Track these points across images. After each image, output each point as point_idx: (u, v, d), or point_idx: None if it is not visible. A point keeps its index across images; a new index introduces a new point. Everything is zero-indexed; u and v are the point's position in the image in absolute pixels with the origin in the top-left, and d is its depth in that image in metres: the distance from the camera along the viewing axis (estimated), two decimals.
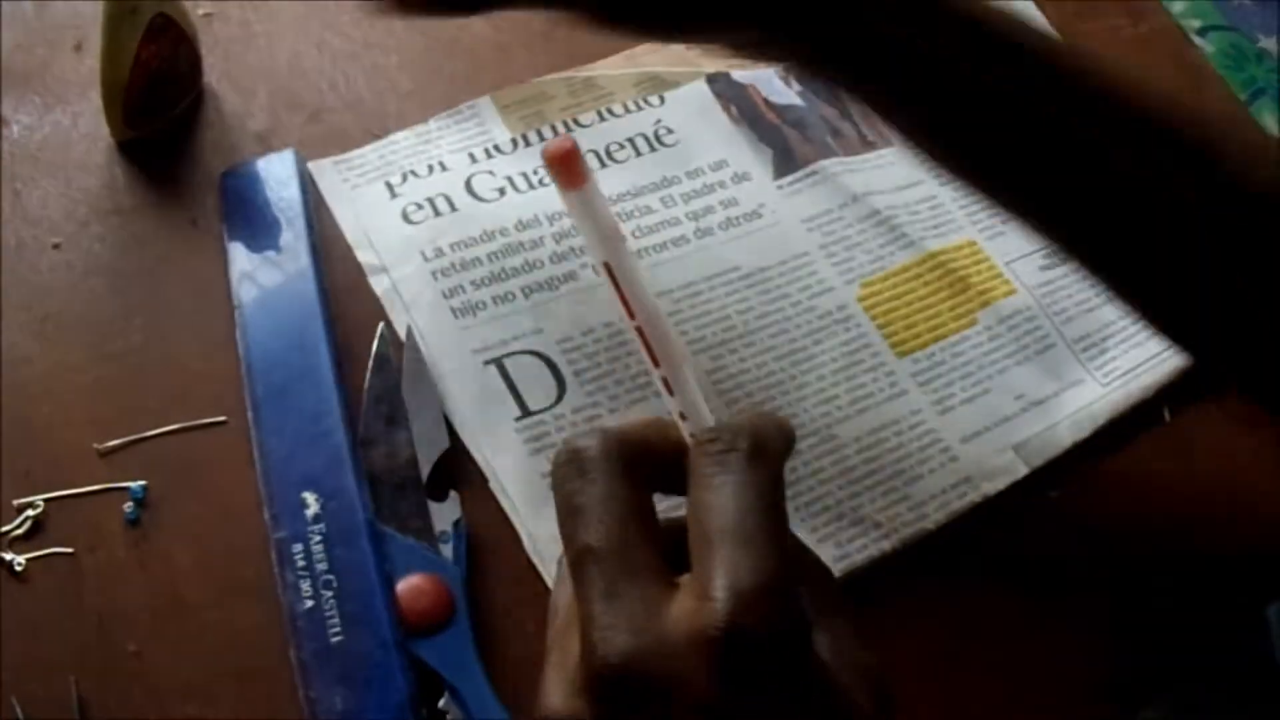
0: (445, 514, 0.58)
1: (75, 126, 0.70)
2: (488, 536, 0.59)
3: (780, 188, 0.73)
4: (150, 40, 0.64)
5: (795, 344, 0.68)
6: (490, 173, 0.71)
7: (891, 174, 0.75)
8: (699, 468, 0.38)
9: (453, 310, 0.65)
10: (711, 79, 0.77)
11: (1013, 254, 0.73)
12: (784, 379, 0.66)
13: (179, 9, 0.66)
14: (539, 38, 0.76)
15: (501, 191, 0.70)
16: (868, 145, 0.77)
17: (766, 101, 0.77)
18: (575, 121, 0.74)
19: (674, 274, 0.69)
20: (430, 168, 0.70)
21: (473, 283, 0.67)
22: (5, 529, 0.58)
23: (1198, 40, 0.87)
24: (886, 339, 0.69)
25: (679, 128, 0.75)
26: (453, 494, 0.59)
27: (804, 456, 0.64)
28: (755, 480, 0.38)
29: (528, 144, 0.72)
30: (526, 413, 0.63)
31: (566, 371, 0.64)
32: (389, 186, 0.69)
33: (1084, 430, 0.67)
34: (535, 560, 0.59)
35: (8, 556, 0.57)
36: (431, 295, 0.66)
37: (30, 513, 0.58)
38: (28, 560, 0.57)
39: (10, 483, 0.59)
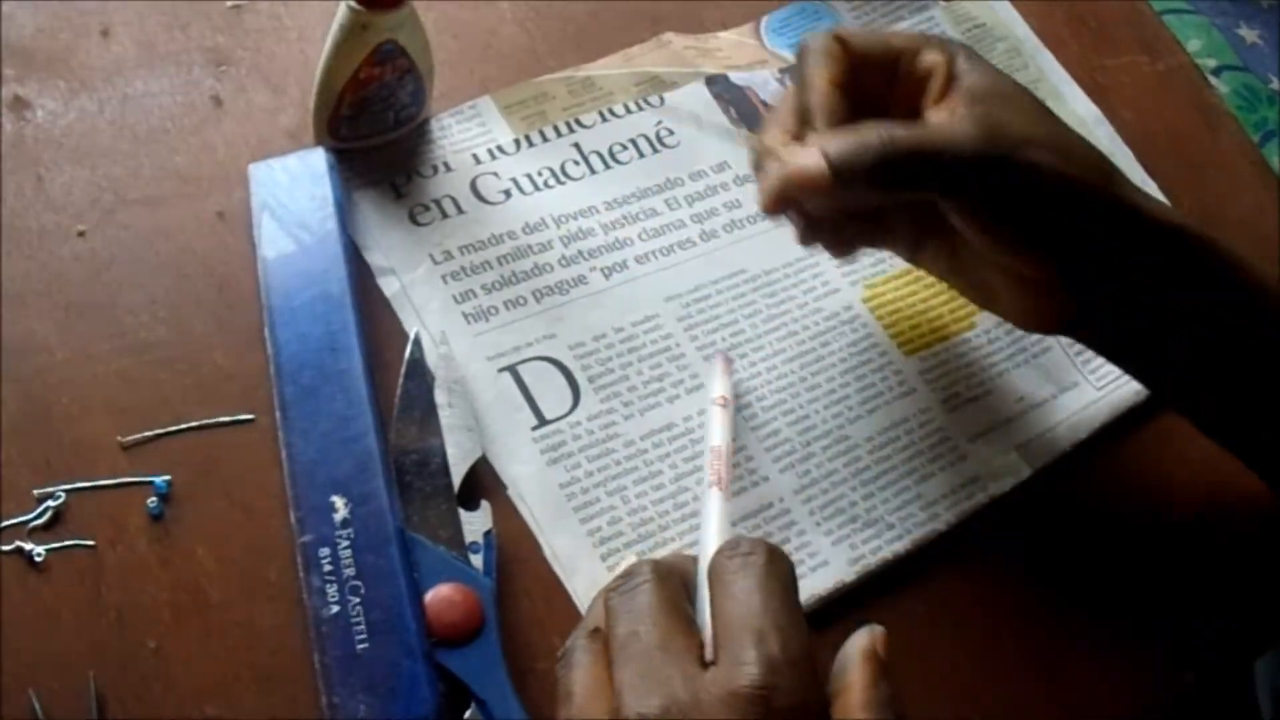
0: (476, 524, 0.57)
1: (101, 113, 0.69)
2: (515, 548, 0.59)
3: None
4: (374, 63, 0.64)
5: (804, 346, 0.68)
6: (495, 174, 0.71)
7: None
8: (724, 572, 0.45)
9: (465, 315, 0.65)
10: (710, 80, 0.77)
11: None
12: (794, 381, 0.67)
13: (418, 43, 0.65)
14: (569, 42, 0.76)
15: (507, 194, 0.70)
16: None
17: (765, 104, 0.77)
18: (578, 122, 0.74)
19: (683, 278, 0.70)
20: (435, 168, 0.70)
21: (484, 287, 0.67)
22: (25, 518, 0.57)
23: (1213, 80, 0.88)
24: (893, 339, 0.70)
25: (680, 129, 0.75)
26: (484, 504, 0.58)
27: (817, 459, 0.65)
28: (777, 577, 0.44)
29: (531, 144, 0.72)
30: (543, 421, 0.63)
31: (580, 378, 0.65)
32: (394, 187, 0.69)
33: (1081, 433, 0.69)
34: (557, 571, 0.59)
35: (27, 547, 0.56)
36: (442, 299, 0.66)
37: (51, 503, 0.57)
38: (47, 551, 0.56)
39: (30, 472, 0.58)
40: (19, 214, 0.65)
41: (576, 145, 0.73)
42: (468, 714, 0.53)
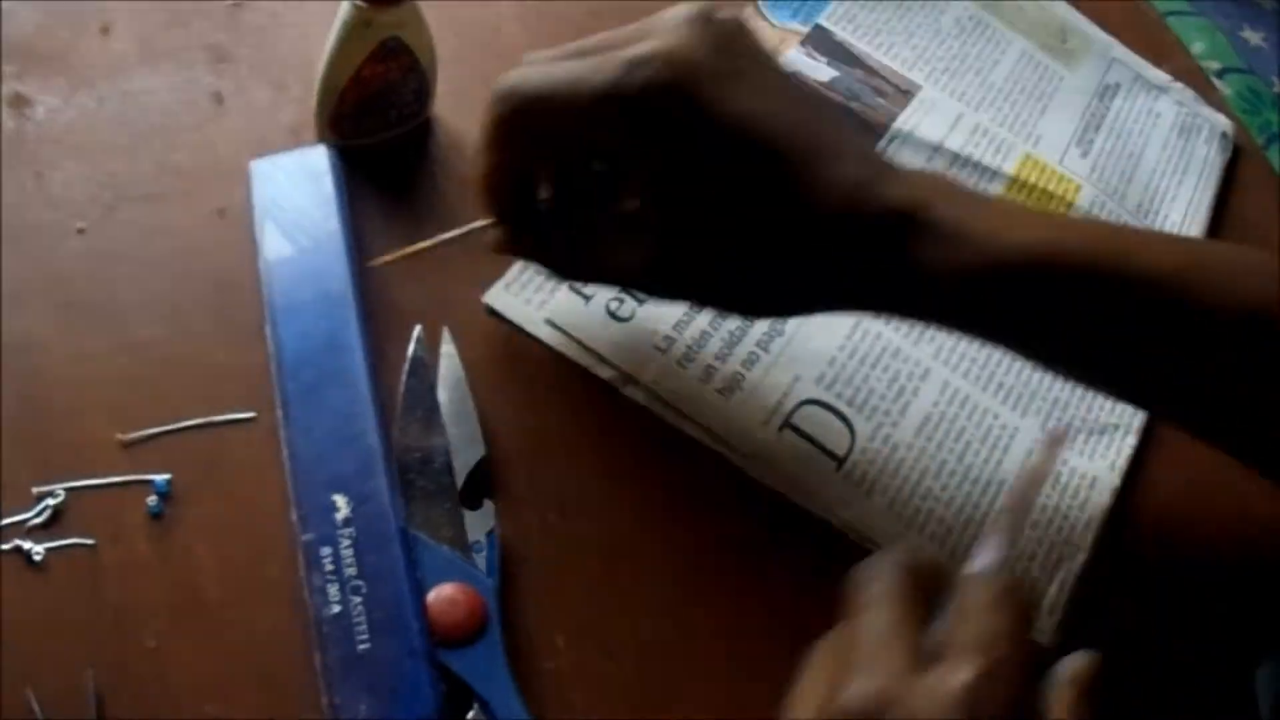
0: (479, 523, 0.57)
1: (101, 110, 0.69)
2: (518, 547, 0.59)
3: None
4: (377, 60, 0.64)
5: None
6: None
7: (940, 114, 0.79)
8: (967, 588, 0.46)
9: (719, 392, 0.65)
10: None
11: (1057, 152, 0.80)
12: None
13: (422, 40, 0.65)
14: (571, 40, 0.76)
15: None
16: (905, 95, 0.79)
17: (822, 85, 0.78)
18: None
19: None
20: None
21: (716, 357, 0.66)
22: (24, 517, 0.56)
23: (1217, 82, 0.88)
24: None
25: None
26: (487, 503, 0.58)
27: (1039, 394, 0.69)
28: (1014, 601, 0.45)
29: None
30: (839, 460, 0.64)
31: (842, 406, 0.66)
32: (576, 292, 0.67)
33: None
34: None
35: (26, 545, 0.56)
36: (690, 387, 0.65)
37: (50, 502, 0.57)
38: (46, 550, 0.56)
39: (29, 470, 0.58)
40: (18, 211, 0.64)
41: None
42: (470, 714, 0.53)
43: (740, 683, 0.58)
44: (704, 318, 0.67)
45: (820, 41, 0.80)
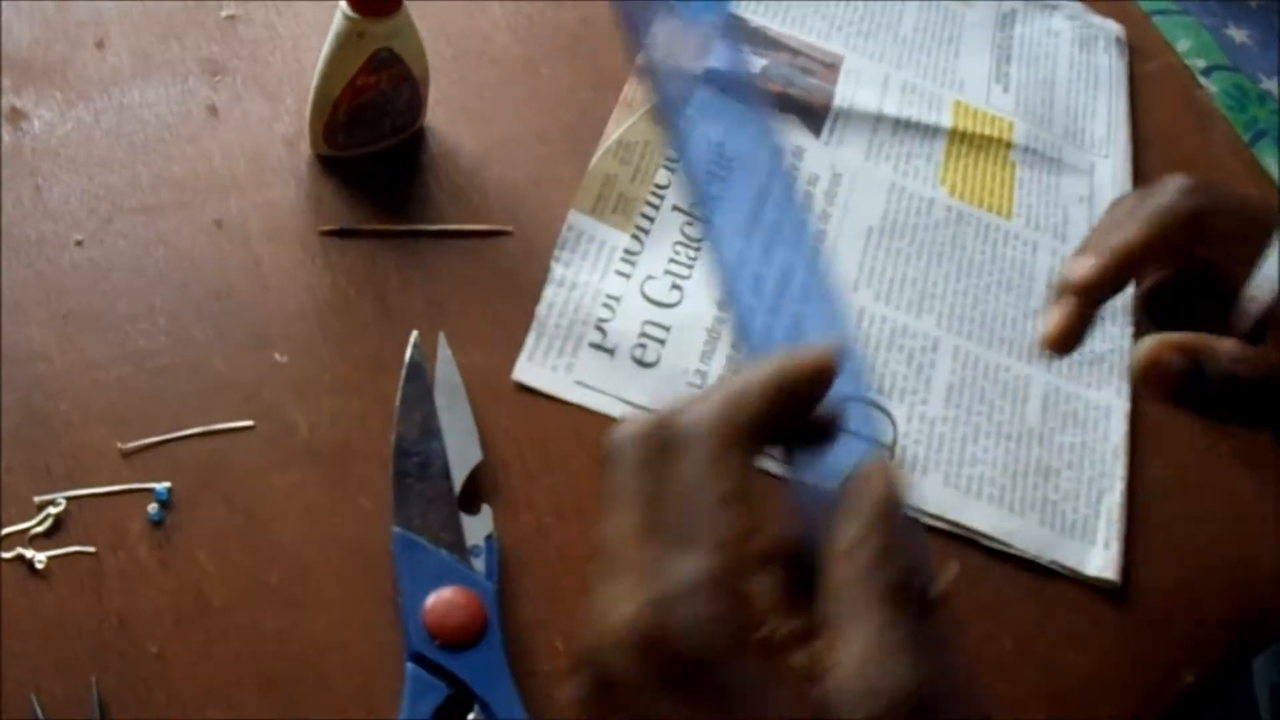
0: (477, 528, 0.58)
1: (98, 123, 0.69)
2: (516, 551, 0.59)
3: (828, 144, 0.78)
4: (370, 70, 0.64)
5: (954, 260, 0.74)
6: (650, 277, 0.70)
7: (869, 81, 0.82)
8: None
9: None
10: (704, 80, 0.77)
11: (981, 92, 0.83)
12: (973, 295, 0.73)
13: (414, 50, 0.66)
14: (564, 52, 0.77)
15: (678, 288, 0.70)
16: (831, 68, 0.81)
17: (751, 75, 0.78)
18: (657, 187, 0.73)
19: (844, 265, 0.73)
20: (609, 307, 0.68)
21: None
22: (26, 526, 0.57)
23: (1203, 80, 0.89)
24: (990, 212, 0.76)
25: (723, 141, 0.75)
26: (485, 508, 0.58)
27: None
28: None
29: (645, 232, 0.72)
30: (890, 449, 0.66)
31: (871, 395, 0.67)
32: (598, 348, 0.67)
33: None
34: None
35: (28, 554, 0.56)
36: None
37: (52, 510, 0.57)
38: (49, 558, 0.56)
39: (30, 479, 0.58)
40: (17, 224, 0.65)
41: (676, 208, 0.73)
42: (471, 716, 0.53)
43: None
44: (724, 343, 0.68)
45: (738, 30, 0.81)
